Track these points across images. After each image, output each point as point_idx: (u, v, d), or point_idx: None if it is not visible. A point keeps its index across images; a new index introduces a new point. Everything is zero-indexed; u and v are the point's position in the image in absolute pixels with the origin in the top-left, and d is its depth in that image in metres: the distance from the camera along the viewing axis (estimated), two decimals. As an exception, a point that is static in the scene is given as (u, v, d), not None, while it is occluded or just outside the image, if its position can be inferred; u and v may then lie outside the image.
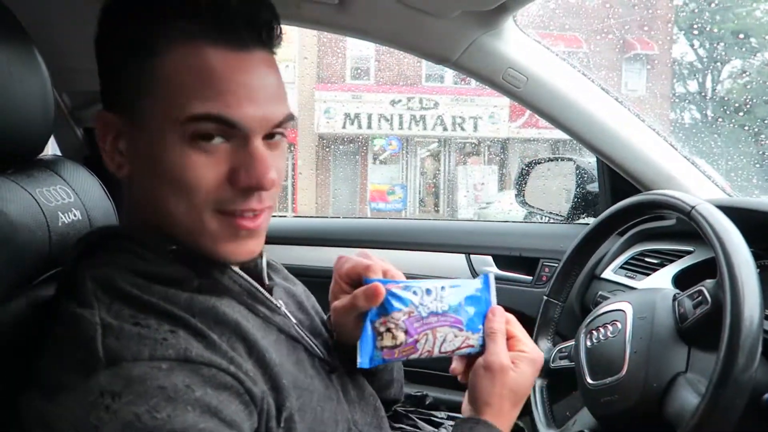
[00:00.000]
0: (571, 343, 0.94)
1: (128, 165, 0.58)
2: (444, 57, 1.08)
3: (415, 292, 0.64)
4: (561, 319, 1.04)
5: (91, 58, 0.58)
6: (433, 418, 0.90)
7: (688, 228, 1.16)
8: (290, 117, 0.58)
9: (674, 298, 0.80)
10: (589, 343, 0.86)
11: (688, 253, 1.10)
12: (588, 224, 1.03)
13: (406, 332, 0.62)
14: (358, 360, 0.62)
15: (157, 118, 0.54)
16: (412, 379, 1.10)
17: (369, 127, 10.68)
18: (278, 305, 0.63)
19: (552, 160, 1.53)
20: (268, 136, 0.57)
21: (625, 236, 1.25)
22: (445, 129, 10.59)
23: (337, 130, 10.60)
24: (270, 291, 0.64)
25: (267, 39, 0.57)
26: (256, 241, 0.59)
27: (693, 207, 0.77)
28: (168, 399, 0.46)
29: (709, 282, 0.74)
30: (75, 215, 0.77)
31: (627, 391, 0.76)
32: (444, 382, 1.28)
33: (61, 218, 0.72)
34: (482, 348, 0.66)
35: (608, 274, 1.22)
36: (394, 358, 0.63)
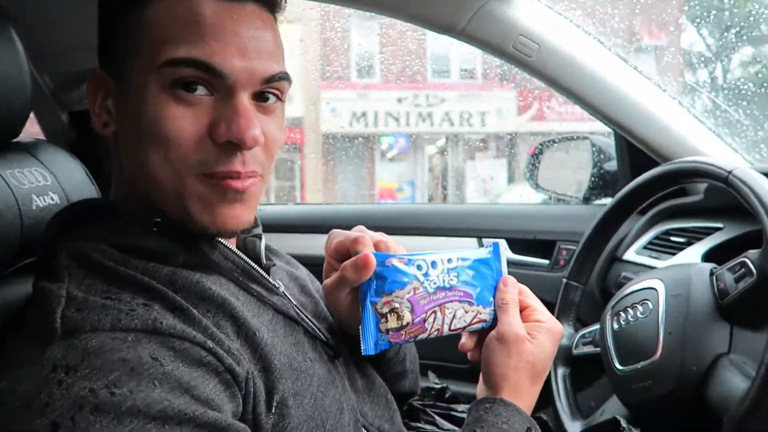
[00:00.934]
0: (595, 327, 0.87)
1: (114, 124, 0.55)
2: (450, 26, 1.01)
3: (419, 266, 0.57)
4: (581, 304, 0.97)
5: (72, 37, 0.53)
6: (453, 413, 0.83)
7: (716, 203, 1.09)
8: (284, 75, 0.54)
9: (711, 273, 0.72)
10: (616, 326, 0.78)
11: (718, 229, 1.02)
12: (606, 205, 0.96)
13: (412, 311, 0.56)
14: (362, 346, 0.56)
15: (140, 69, 0.51)
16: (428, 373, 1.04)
17: (375, 125, 10.62)
18: (276, 285, 0.59)
19: (566, 140, 1.46)
20: (260, 98, 0.54)
21: (647, 215, 1.17)
22: (452, 125, 10.50)
23: (344, 128, 10.56)
24: (267, 271, 0.60)
25: None
26: (245, 207, 0.54)
27: (730, 172, 0.70)
28: (130, 373, 0.42)
29: (752, 252, 0.67)
30: (52, 199, 0.71)
31: (662, 375, 0.69)
32: (464, 375, 1.21)
33: (36, 201, 0.67)
34: (494, 322, 0.60)
35: (630, 255, 1.14)
36: (402, 340, 0.57)
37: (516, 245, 1.27)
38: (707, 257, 0.98)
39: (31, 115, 0.76)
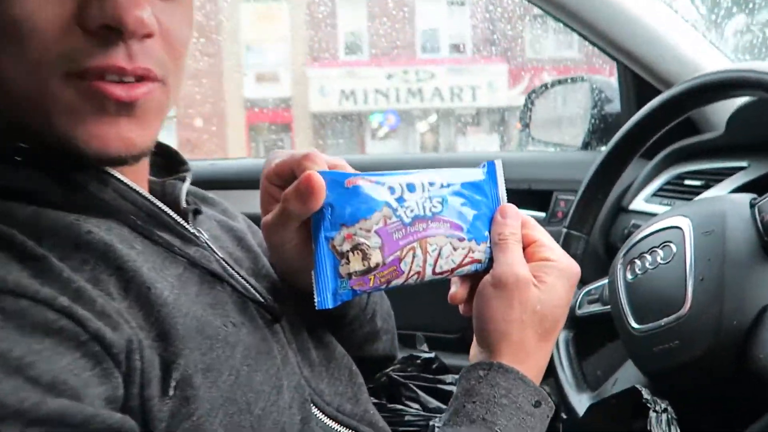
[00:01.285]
0: (603, 281, 0.72)
1: None
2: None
3: (391, 189, 0.43)
4: (585, 260, 0.83)
5: None
6: (440, 386, 0.69)
7: (739, 138, 0.94)
8: None
9: (752, 205, 0.57)
10: (630, 277, 0.63)
11: (740, 169, 0.88)
12: (608, 145, 0.80)
13: (382, 248, 0.42)
14: (316, 299, 0.42)
15: None
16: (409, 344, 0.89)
17: (365, 102, 10.43)
18: (195, 233, 0.46)
19: (561, 82, 1.30)
20: None
21: (655, 159, 1.03)
22: (442, 100, 10.32)
23: (333, 107, 10.36)
24: (185, 217, 0.47)
25: None
26: (137, 123, 0.41)
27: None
28: None
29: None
30: None
31: (693, 333, 0.54)
32: (456, 346, 1.06)
33: None
34: (491, 263, 0.47)
35: (638, 204, 1.00)
36: (369, 287, 0.43)
37: (509, 196, 1.12)
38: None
39: None
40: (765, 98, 0.58)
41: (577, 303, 0.75)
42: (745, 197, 0.59)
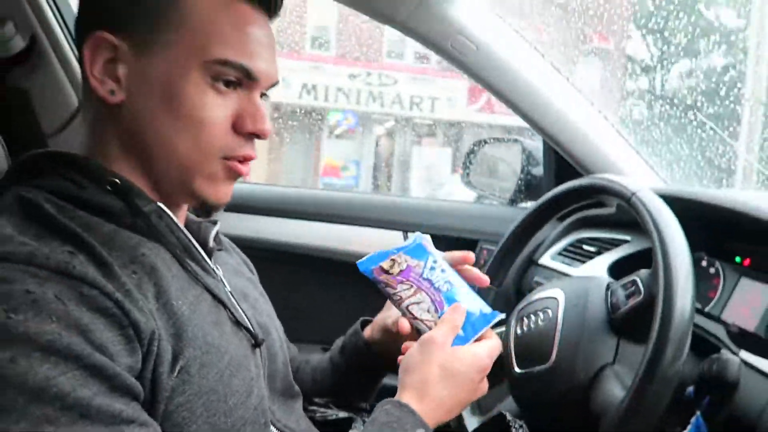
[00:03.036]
0: (503, 329, 0.90)
1: (124, 93, 0.57)
2: (390, 16, 1.00)
3: (435, 261, 0.71)
4: (496, 305, 1.01)
5: None
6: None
7: (626, 217, 1.14)
8: (278, 83, 0.63)
9: (608, 287, 0.76)
10: (519, 331, 0.82)
11: (625, 242, 1.08)
12: (526, 211, 0.99)
13: (401, 272, 0.70)
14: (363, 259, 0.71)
15: (182, 52, 0.56)
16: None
17: (326, 99, 10.44)
18: (215, 268, 0.64)
19: (498, 141, 1.49)
20: (262, 95, 0.62)
21: (565, 222, 1.22)
22: (402, 107, 10.49)
23: (293, 100, 10.32)
24: (210, 254, 0.65)
25: (276, 7, 0.62)
26: (233, 186, 0.63)
27: (633, 193, 0.74)
28: (31, 304, 0.44)
29: (643, 272, 0.71)
30: None
31: (553, 381, 0.73)
32: None
33: None
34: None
35: (546, 260, 1.19)
36: (379, 279, 0.71)
37: (440, 241, 1.29)
38: (613, 268, 1.03)
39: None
40: (619, 203, 0.77)
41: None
42: (604, 281, 0.78)
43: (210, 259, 0.64)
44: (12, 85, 1.05)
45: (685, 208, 0.76)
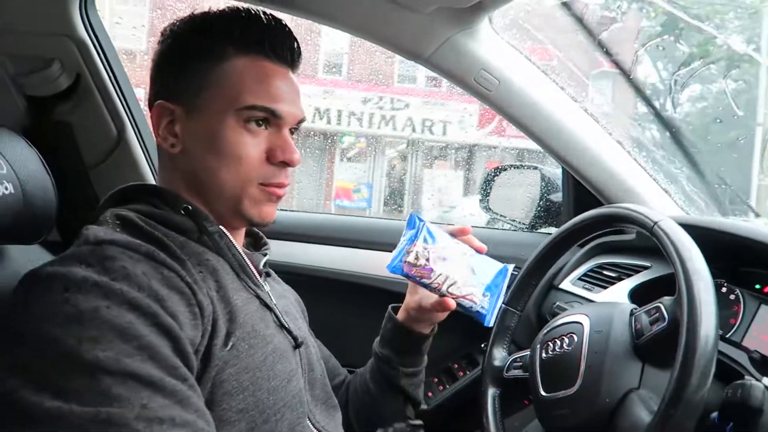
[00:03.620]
0: (527, 352, 0.93)
1: (181, 144, 0.73)
2: (416, 53, 1.05)
3: (446, 238, 0.85)
4: (517, 329, 1.03)
5: (32, 22, 0.54)
6: None
7: (646, 243, 1.17)
8: (304, 119, 0.77)
9: (632, 314, 0.79)
10: (544, 355, 0.84)
11: (646, 268, 1.11)
12: (550, 234, 1.02)
13: (428, 260, 0.81)
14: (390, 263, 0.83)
15: (219, 106, 0.71)
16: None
17: (339, 123, 10.56)
18: (263, 285, 0.76)
19: (517, 168, 1.53)
20: (291, 130, 0.76)
21: (586, 248, 1.25)
22: (414, 131, 10.57)
23: (306, 124, 10.43)
24: (260, 275, 0.78)
25: (297, 62, 0.77)
26: (275, 207, 0.77)
27: (656, 223, 0.76)
28: (125, 277, 0.57)
29: (667, 299, 0.73)
30: (6, 188, 0.72)
31: (578, 405, 0.75)
32: None
33: None
34: (481, 312, 0.84)
35: (567, 285, 1.21)
36: (411, 274, 0.81)
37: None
38: (634, 293, 1.06)
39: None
40: (640, 231, 0.80)
41: (506, 367, 0.95)
42: (628, 307, 0.81)
43: (260, 277, 0.77)
44: (58, 120, 1.11)
45: (704, 236, 0.79)
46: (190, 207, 0.71)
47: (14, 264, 0.79)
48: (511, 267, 0.87)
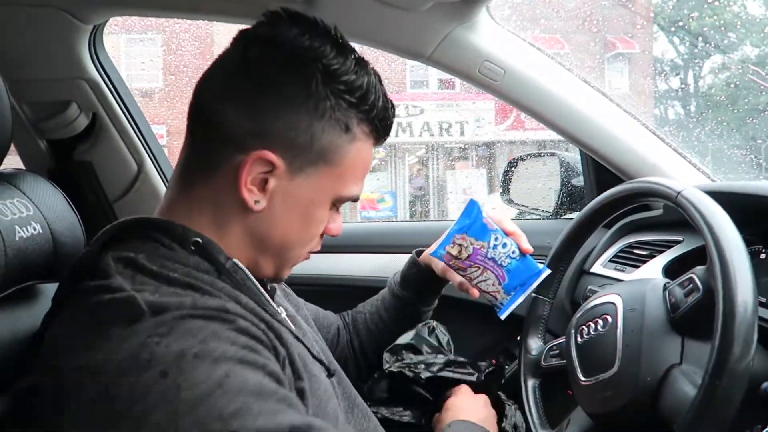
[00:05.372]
0: (563, 339, 0.91)
1: (265, 202, 0.64)
2: (418, 52, 1.05)
3: (497, 238, 0.86)
4: (552, 317, 1.01)
5: (46, 68, 0.56)
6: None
7: (675, 217, 1.14)
8: None
9: (665, 288, 0.77)
10: (579, 340, 0.82)
11: (678, 242, 1.08)
12: (572, 221, 1.00)
13: (468, 257, 0.85)
14: (433, 246, 0.91)
15: (327, 184, 0.66)
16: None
17: (356, 136, 10.59)
18: (278, 311, 0.70)
19: (535, 156, 1.51)
20: None
21: (612, 229, 1.22)
22: (431, 135, 10.58)
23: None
24: (271, 296, 0.73)
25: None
26: None
27: (679, 192, 0.74)
28: (213, 335, 0.52)
29: (699, 269, 0.71)
30: (35, 229, 0.74)
31: (621, 386, 0.73)
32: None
33: (19, 232, 0.70)
34: (499, 306, 0.88)
35: (597, 268, 1.19)
36: (450, 263, 0.88)
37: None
38: (668, 269, 1.03)
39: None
40: (667, 204, 0.77)
41: (543, 356, 0.94)
42: (661, 282, 0.78)
43: (273, 301, 0.72)
44: (79, 160, 1.15)
45: (733, 202, 0.76)
46: (200, 240, 0.62)
47: (48, 302, 0.82)
48: (547, 271, 0.89)
